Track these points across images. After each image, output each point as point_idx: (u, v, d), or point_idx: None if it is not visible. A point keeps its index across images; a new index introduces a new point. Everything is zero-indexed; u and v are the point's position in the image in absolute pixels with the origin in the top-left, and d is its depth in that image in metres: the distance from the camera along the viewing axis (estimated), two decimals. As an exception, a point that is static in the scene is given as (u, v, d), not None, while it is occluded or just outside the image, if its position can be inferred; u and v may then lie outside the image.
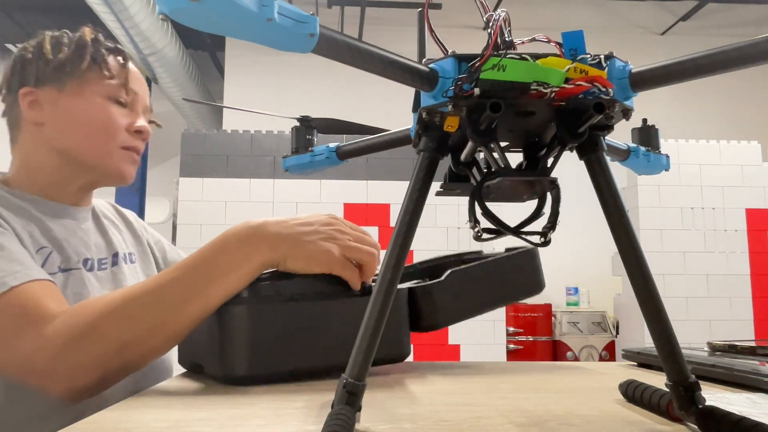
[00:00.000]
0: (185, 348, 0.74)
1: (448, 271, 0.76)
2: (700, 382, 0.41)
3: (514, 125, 0.42)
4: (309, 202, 3.08)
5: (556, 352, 4.32)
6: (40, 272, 0.72)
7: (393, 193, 3.13)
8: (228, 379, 0.64)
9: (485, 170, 0.46)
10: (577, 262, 4.96)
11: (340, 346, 0.64)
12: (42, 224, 0.83)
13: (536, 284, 0.83)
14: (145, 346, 0.64)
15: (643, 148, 0.67)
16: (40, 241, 0.81)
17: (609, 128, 0.42)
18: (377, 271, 0.61)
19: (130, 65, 0.91)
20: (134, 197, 5.30)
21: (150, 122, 0.94)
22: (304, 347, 0.66)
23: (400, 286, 0.75)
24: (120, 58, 0.89)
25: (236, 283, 0.64)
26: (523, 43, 0.42)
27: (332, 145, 0.70)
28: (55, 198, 0.87)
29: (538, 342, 4.31)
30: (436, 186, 0.47)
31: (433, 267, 0.92)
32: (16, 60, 0.87)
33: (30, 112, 0.85)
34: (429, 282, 0.78)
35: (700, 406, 0.39)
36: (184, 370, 0.76)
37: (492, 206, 0.45)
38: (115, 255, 0.93)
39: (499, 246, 0.76)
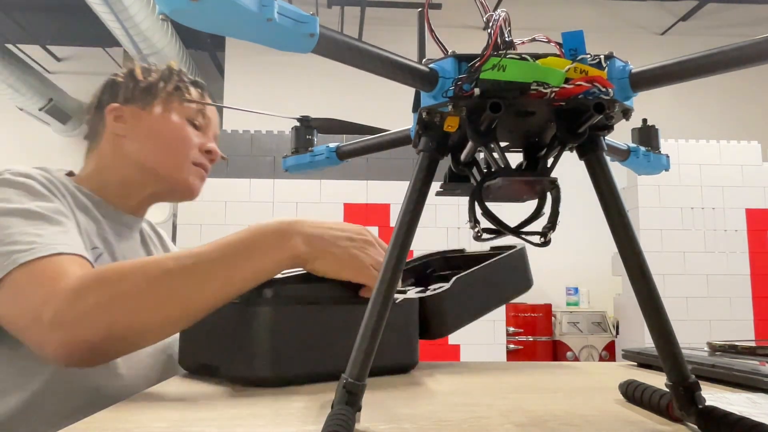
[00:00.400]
0: (190, 349, 0.73)
1: (454, 279, 0.77)
2: (700, 382, 0.41)
3: (514, 125, 0.42)
4: (309, 202, 3.08)
5: (556, 352, 4.32)
6: (84, 252, 0.73)
7: (393, 193, 3.14)
8: (249, 380, 0.63)
9: (485, 170, 0.46)
10: (577, 262, 4.96)
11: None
12: (100, 225, 0.89)
13: (527, 282, 0.85)
14: (157, 314, 0.62)
15: (643, 148, 0.67)
16: (94, 240, 0.85)
17: (609, 128, 0.42)
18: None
19: (208, 98, 1.03)
20: (134, 197, 5.30)
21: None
22: (326, 350, 0.65)
23: (408, 295, 0.75)
24: (199, 89, 1.01)
25: (264, 270, 0.64)
26: (523, 43, 0.42)
27: (332, 145, 0.71)
28: (117, 205, 0.94)
29: (538, 342, 4.30)
30: (436, 186, 0.47)
31: (417, 267, 0.92)
32: (108, 82, 0.99)
33: (114, 125, 0.95)
34: (437, 290, 0.77)
35: (700, 406, 0.39)
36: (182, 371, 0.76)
37: (492, 206, 0.45)
38: None
39: (477, 245, 0.76)
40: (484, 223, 0.44)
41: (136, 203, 0.97)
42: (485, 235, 0.44)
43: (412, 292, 0.79)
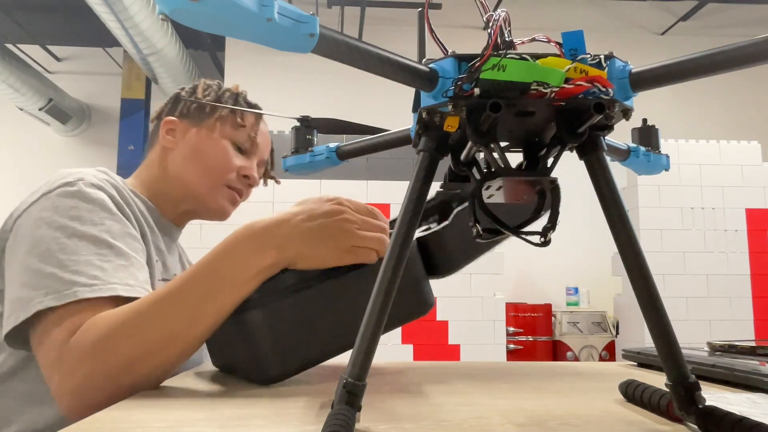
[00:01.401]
0: (214, 350, 0.72)
1: (454, 212, 0.76)
2: (700, 382, 0.41)
3: (514, 125, 0.42)
4: (309, 202, 3.07)
5: (556, 352, 4.31)
6: (143, 286, 0.73)
7: (393, 193, 3.13)
8: (263, 381, 0.64)
9: (485, 170, 0.46)
10: (577, 262, 4.95)
11: (361, 317, 0.64)
12: (155, 234, 0.91)
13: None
14: (155, 360, 0.63)
15: (643, 148, 0.67)
16: (152, 251, 0.88)
17: (609, 128, 0.42)
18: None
19: (263, 125, 1.05)
20: (134, 197, 5.29)
21: (270, 177, 1.08)
22: (326, 329, 0.65)
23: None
24: (256, 113, 1.02)
25: (245, 289, 0.64)
26: (523, 43, 0.42)
27: (332, 145, 0.71)
28: (164, 211, 0.97)
29: (538, 342, 4.30)
30: (436, 186, 0.47)
31: (437, 205, 0.89)
32: (173, 96, 1.02)
33: (165, 137, 0.98)
34: (437, 227, 0.76)
35: (700, 406, 0.39)
36: (181, 371, 0.76)
37: (492, 206, 0.45)
38: None
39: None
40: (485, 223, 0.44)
41: (176, 216, 0.99)
42: (485, 235, 0.44)
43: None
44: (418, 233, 0.77)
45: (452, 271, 0.76)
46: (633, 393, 0.51)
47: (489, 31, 0.40)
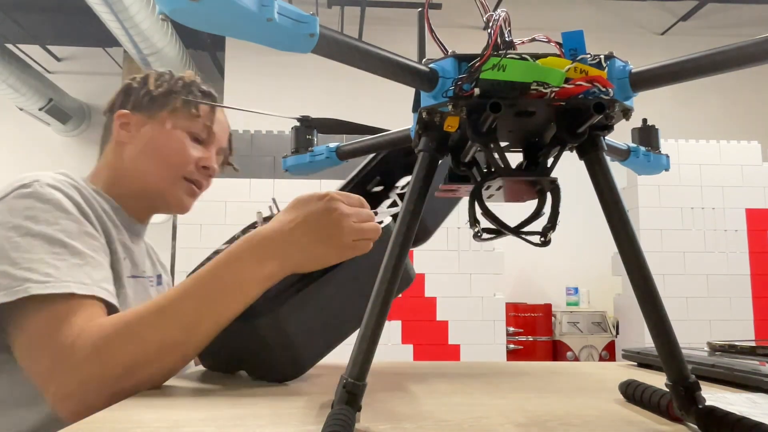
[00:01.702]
0: (208, 351, 0.72)
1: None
2: (700, 382, 0.41)
3: (514, 125, 0.42)
4: (309, 202, 3.07)
5: (556, 352, 4.31)
6: (101, 286, 0.73)
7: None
8: (281, 381, 0.66)
9: (485, 170, 0.46)
10: (577, 262, 4.95)
11: (366, 299, 0.66)
12: (120, 231, 0.89)
13: None
14: (155, 366, 0.63)
15: (643, 148, 0.67)
16: (118, 247, 0.86)
17: (609, 128, 0.42)
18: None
19: (220, 113, 1.01)
20: (134, 197, 5.30)
21: (228, 164, 1.06)
22: (336, 318, 0.67)
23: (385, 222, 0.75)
24: (211, 101, 0.99)
25: (246, 300, 0.64)
26: (523, 43, 0.42)
27: (332, 145, 0.71)
28: (127, 208, 0.95)
29: (538, 342, 4.30)
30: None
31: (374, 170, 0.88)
32: (124, 86, 0.99)
33: (119, 132, 0.96)
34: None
35: (700, 406, 0.39)
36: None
37: (492, 206, 0.45)
38: (159, 276, 1.02)
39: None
40: (484, 223, 0.44)
41: (139, 211, 0.97)
42: (485, 235, 0.44)
43: (385, 214, 0.78)
44: (388, 217, 0.77)
45: (426, 239, 0.79)
46: (633, 393, 0.51)
47: (489, 31, 0.40)
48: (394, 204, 0.82)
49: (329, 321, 0.67)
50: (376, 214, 0.78)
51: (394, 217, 0.76)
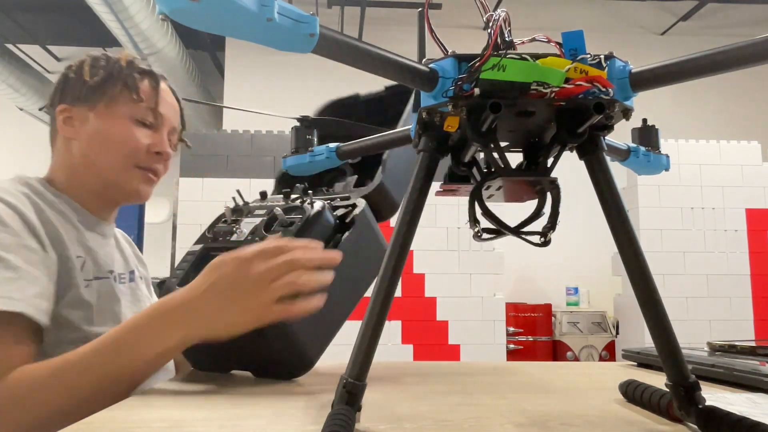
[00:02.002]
0: (203, 352, 0.74)
1: (384, 161, 0.79)
2: (700, 382, 0.41)
3: (514, 125, 0.42)
4: (309, 202, 3.07)
5: (556, 352, 4.31)
6: (34, 309, 0.71)
7: (393, 193, 3.13)
8: (290, 378, 0.68)
9: (485, 170, 0.46)
10: (577, 262, 4.95)
11: (353, 281, 0.71)
12: (78, 232, 0.86)
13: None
14: (70, 418, 0.61)
15: (643, 148, 0.67)
16: (77, 249, 0.83)
17: (609, 128, 0.42)
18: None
19: (163, 86, 0.96)
20: (134, 197, 5.29)
21: (180, 141, 1.01)
22: (331, 307, 0.68)
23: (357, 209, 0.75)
24: (153, 82, 0.94)
25: (148, 372, 0.65)
26: (523, 43, 0.42)
27: (332, 145, 0.70)
28: (88, 206, 0.91)
29: (538, 342, 4.30)
30: (436, 186, 0.47)
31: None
32: (60, 78, 0.93)
33: (64, 128, 0.91)
34: (377, 181, 0.79)
35: (700, 406, 0.39)
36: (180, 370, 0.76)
37: (492, 206, 0.45)
38: (132, 272, 0.99)
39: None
40: (484, 223, 0.44)
41: (100, 207, 0.93)
42: (485, 235, 0.44)
43: (356, 195, 0.79)
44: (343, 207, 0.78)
45: (395, 212, 0.80)
46: (633, 393, 0.51)
47: (489, 31, 0.40)
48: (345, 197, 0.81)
49: (326, 311, 0.68)
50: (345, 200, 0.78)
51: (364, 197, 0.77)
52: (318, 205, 0.73)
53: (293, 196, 0.78)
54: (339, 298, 0.71)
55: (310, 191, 0.79)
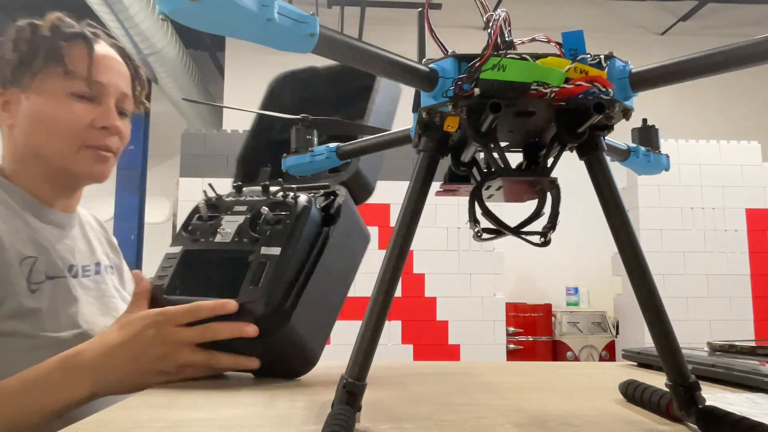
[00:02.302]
0: None
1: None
2: (700, 382, 0.41)
3: (514, 125, 0.42)
4: (309, 202, 3.07)
5: (556, 352, 4.31)
6: None
7: (393, 193, 3.13)
8: (294, 377, 0.69)
9: (485, 170, 0.46)
10: (577, 262, 4.95)
11: (340, 271, 0.72)
12: (31, 229, 0.80)
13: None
14: None
15: (643, 148, 0.67)
16: (26, 249, 0.77)
17: (609, 128, 0.42)
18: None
19: (101, 49, 0.84)
20: (134, 197, 5.30)
21: (141, 103, 0.90)
22: (326, 301, 0.69)
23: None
24: (84, 47, 0.82)
25: (63, 415, 0.61)
26: (523, 43, 0.42)
27: (332, 145, 0.70)
28: (42, 198, 0.84)
29: (538, 342, 4.30)
30: (436, 186, 0.47)
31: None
32: None
33: (2, 115, 0.83)
34: (352, 169, 0.79)
35: (700, 406, 0.39)
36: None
37: (492, 206, 0.45)
38: (98, 264, 0.91)
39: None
40: (484, 223, 0.44)
41: (56, 195, 0.86)
42: (485, 235, 0.44)
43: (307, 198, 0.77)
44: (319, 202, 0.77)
45: (370, 195, 0.82)
46: (633, 393, 0.51)
47: (489, 31, 0.40)
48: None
49: (324, 308, 0.70)
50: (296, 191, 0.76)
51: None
52: (303, 199, 0.71)
53: (273, 189, 0.75)
54: (333, 293, 0.71)
55: (294, 186, 0.76)
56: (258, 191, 0.76)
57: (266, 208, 0.70)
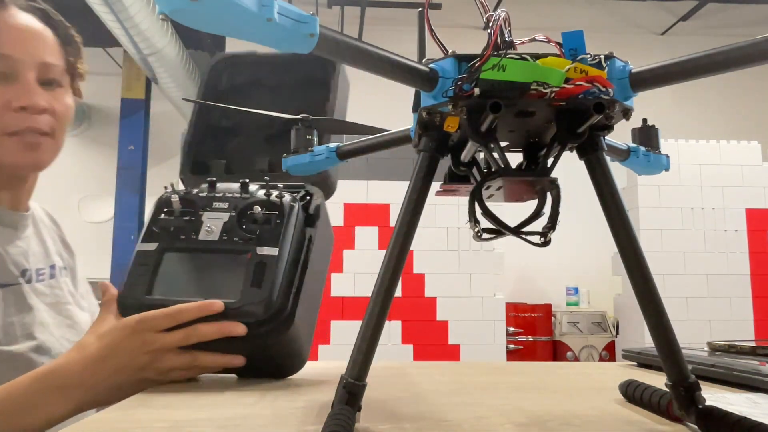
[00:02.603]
0: None
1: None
2: (700, 382, 0.41)
3: (514, 125, 0.42)
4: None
5: (556, 352, 4.31)
6: None
7: (393, 193, 3.13)
8: (285, 376, 0.69)
9: (485, 170, 0.46)
10: (577, 262, 4.95)
11: (319, 265, 0.73)
12: None
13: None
14: None
15: (643, 148, 0.67)
16: None
17: (609, 128, 0.42)
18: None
19: (8, 18, 0.72)
20: (134, 197, 5.29)
21: (76, 74, 0.80)
22: (313, 299, 0.70)
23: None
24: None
25: (46, 429, 0.58)
26: (523, 43, 0.42)
27: (332, 145, 0.70)
28: None
29: (538, 342, 4.30)
30: (436, 186, 0.47)
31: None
32: None
33: None
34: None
35: (700, 406, 0.39)
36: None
37: (492, 206, 0.45)
38: (53, 266, 0.84)
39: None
40: (484, 223, 0.44)
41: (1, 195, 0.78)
42: (485, 235, 0.44)
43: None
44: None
45: (333, 193, 0.83)
46: (633, 393, 0.51)
47: (489, 31, 0.40)
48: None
49: (311, 306, 0.70)
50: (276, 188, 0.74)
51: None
52: (289, 198, 0.70)
53: (253, 188, 0.72)
54: (317, 292, 0.73)
55: (279, 185, 0.74)
56: (235, 188, 0.73)
57: (259, 207, 0.68)
